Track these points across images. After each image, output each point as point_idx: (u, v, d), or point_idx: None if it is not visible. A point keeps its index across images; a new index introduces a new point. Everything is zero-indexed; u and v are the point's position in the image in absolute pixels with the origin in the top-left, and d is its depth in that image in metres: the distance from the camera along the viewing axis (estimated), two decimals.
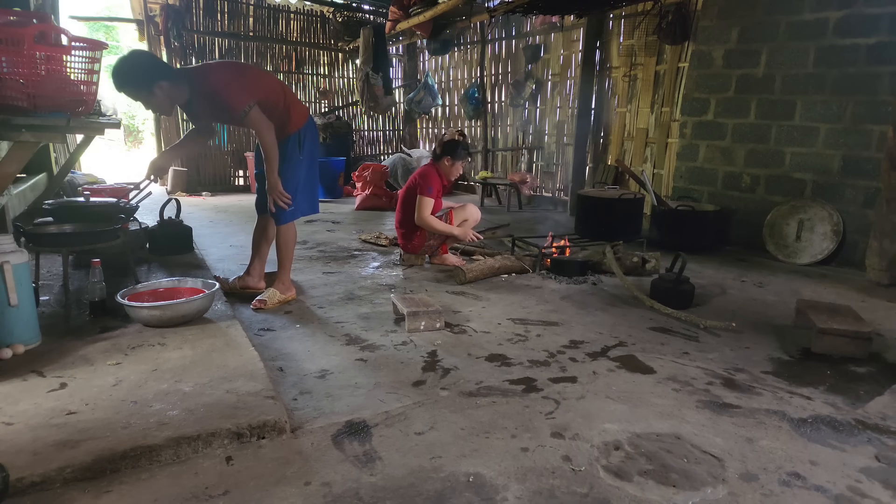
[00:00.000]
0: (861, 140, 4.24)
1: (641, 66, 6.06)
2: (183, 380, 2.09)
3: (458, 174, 4.19)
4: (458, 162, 4.07)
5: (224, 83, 2.89)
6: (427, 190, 3.95)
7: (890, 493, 1.64)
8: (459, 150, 4.04)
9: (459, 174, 4.22)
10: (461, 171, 4.19)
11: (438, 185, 4.03)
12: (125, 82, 2.70)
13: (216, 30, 8.45)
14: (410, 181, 4.10)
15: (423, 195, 3.95)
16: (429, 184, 3.97)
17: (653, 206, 5.13)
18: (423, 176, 4.03)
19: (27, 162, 2.72)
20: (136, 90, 2.73)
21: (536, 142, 7.64)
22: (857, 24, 4.20)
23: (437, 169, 4.07)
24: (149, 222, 4.11)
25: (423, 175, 4.04)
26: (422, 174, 4.05)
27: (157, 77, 2.74)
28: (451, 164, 4.05)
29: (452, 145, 4.04)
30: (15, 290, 2.25)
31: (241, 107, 2.85)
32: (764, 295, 3.64)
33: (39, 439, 1.68)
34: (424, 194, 3.95)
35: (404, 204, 4.08)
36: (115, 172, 9.60)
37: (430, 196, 3.95)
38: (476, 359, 2.53)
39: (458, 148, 4.04)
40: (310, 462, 1.72)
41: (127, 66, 2.71)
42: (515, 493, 1.60)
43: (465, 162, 4.16)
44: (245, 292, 3.36)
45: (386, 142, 10.22)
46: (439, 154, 4.07)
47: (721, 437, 1.91)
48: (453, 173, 4.12)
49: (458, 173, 4.18)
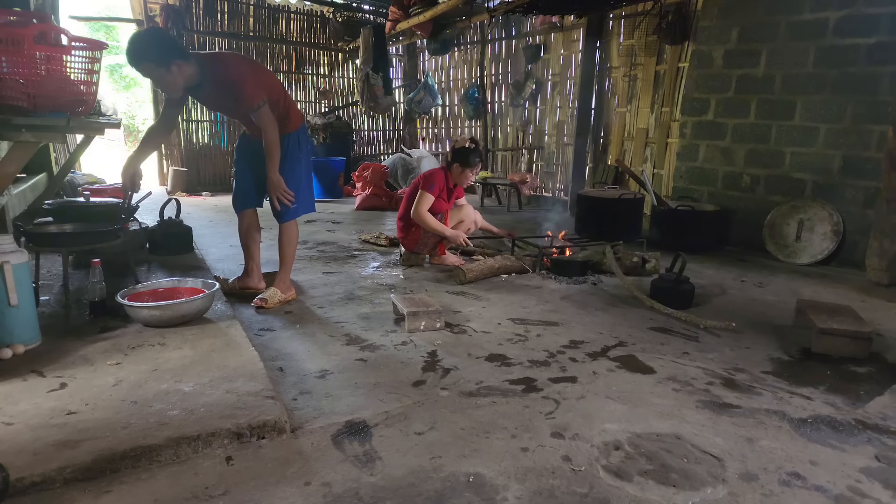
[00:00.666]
0: (861, 140, 4.24)
1: (641, 66, 6.06)
2: (183, 380, 2.09)
3: (470, 181, 4.25)
4: (468, 169, 4.12)
5: (244, 76, 2.91)
6: (429, 186, 3.99)
7: (890, 493, 1.64)
8: (469, 157, 4.09)
9: (471, 181, 4.31)
10: (472, 177, 4.27)
11: (442, 184, 4.06)
12: (144, 56, 2.66)
13: (216, 30, 8.46)
14: (418, 178, 4.17)
15: (424, 190, 3.99)
16: (432, 181, 4.02)
17: (653, 206, 5.13)
18: (430, 174, 4.10)
19: (27, 162, 2.72)
20: (153, 65, 2.69)
21: (536, 142, 7.64)
22: (857, 24, 4.20)
23: (447, 172, 4.13)
24: (149, 222, 4.11)
25: (430, 173, 4.11)
26: (429, 172, 4.13)
27: (175, 55, 2.73)
28: (461, 170, 4.11)
29: (462, 153, 4.09)
30: (15, 290, 2.25)
31: (256, 101, 2.89)
32: (764, 295, 3.64)
33: (39, 439, 1.68)
34: (425, 190, 3.99)
35: (409, 199, 4.13)
36: (115, 172, 9.60)
37: (431, 193, 3.98)
38: (476, 359, 2.53)
39: (469, 155, 4.08)
40: (310, 462, 1.72)
41: (146, 40, 2.69)
42: (515, 493, 1.60)
43: (476, 169, 4.22)
44: (245, 292, 3.36)
45: (386, 142, 10.23)
46: (450, 161, 4.14)
47: (721, 437, 1.91)
48: (463, 180, 4.17)
49: (470, 180, 4.23)
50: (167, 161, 8.45)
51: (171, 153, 8.43)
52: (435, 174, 4.08)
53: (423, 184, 4.03)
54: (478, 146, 4.20)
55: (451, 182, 4.16)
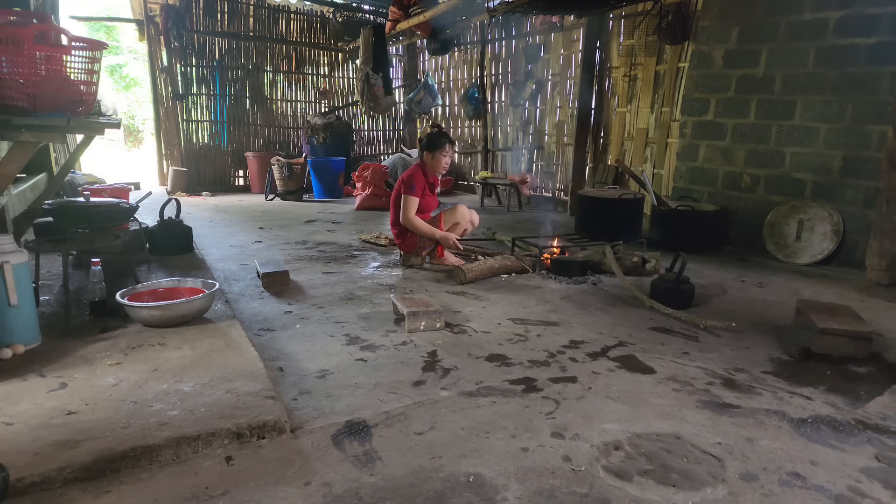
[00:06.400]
0: (861, 140, 4.24)
1: (641, 66, 6.06)
2: (183, 380, 2.09)
3: (446, 165, 4.11)
4: (438, 152, 4.03)
5: None
6: (410, 189, 3.97)
7: (890, 493, 1.64)
8: (434, 140, 4.03)
9: (447, 165, 4.13)
10: (446, 160, 4.10)
11: (422, 182, 4.04)
12: None
13: (216, 30, 8.46)
14: (398, 183, 4.10)
15: (407, 194, 3.97)
16: (411, 183, 3.99)
17: (653, 206, 5.12)
18: (407, 176, 4.06)
19: (27, 162, 2.72)
20: None
21: (536, 142, 7.64)
22: (857, 24, 4.20)
23: (422, 168, 4.09)
24: (149, 222, 4.11)
25: (407, 175, 4.06)
26: (406, 175, 4.07)
27: None
28: (431, 156, 4.05)
29: (427, 140, 4.06)
30: (15, 290, 2.25)
31: None
32: (764, 295, 3.64)
33: (39, 439, 1.68)
34: (408, 193, 3.97)
35: (395, 205, 4.10)
36: (115, 172, 9.60)
37: (414, 195, 3.96)
38: (476, 359, 2.53)
39: (433, 139, 4.03)
40: (310, 462, 1.72)
41: None
42: (515, 493, 1.60)
43: (449, 150, 4.07)
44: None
45: (386, 142, 10.23)
46: (420, 152, 4.12)
47: (721, 437, 1.91)
48: (438, 166, 4.08)
49: (446, 164, 4.10)
50: (167, 161, 8.44)
51: (171, 153, 8.42)
52: (412, 174, 4.03)
53: (404, 188, 3.99)
54: (441, 129, 4.16)
55: (430, 176, 4.12)
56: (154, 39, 8.10)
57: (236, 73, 8.70)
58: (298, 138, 9.29)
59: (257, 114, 8.97)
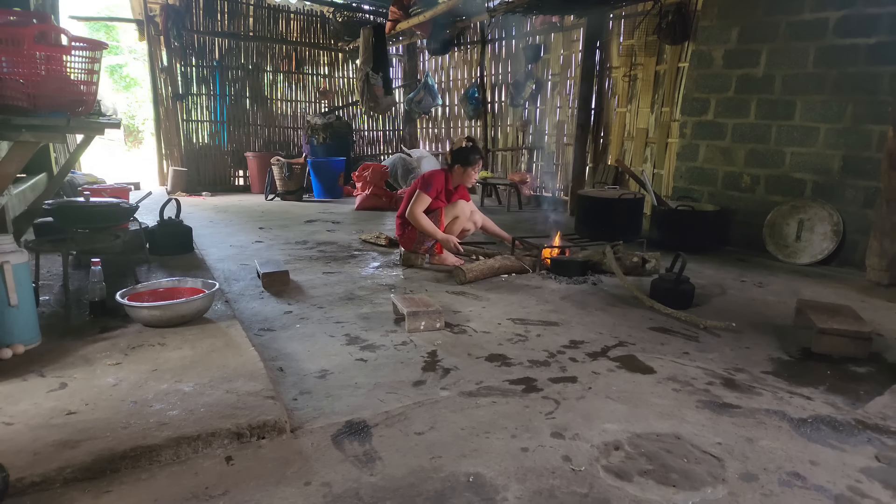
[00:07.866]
0: (861, 140, 4.24)
1: (641, 66, 6.06)
2: (183, 380, 2.09)
3: (473, 179, 4.24)
4: (470, 168, 4.12)
5: None
6: (426, 187, 4.01)
7: (890, 493, 1.64)
8: (469, 156, 4.09)
9: (474, 179, 4.27)
10: (475, 176, 4.24)
11: (440, 186, 4.08)
12: None
13: (216, 30, 8.46)
14: (418, 178, 4.17)
15: (421, 191, 4.01)
16: (430, 183, 4.04)
17: (653, 206, 5.13)
18: (429, 175, 4.11)
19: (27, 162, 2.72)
20: None
21: (536, 142, 7.64)
22: (857, 24, 4.20)
23: (447, 173, 4.15)
24: (149, 222, 4.11)
25: (430, 174, 4.12)
26: (429, 174, 4.14)
27: None
28: (462, 171, 4.12)
29: (460, 153, 4.10)
30: (15, 290, 2.25)
31: None
32: (764, 295, 3.64)
33: (39, 439, 1.68)
34: (422, 191, 4.01)
35: (408, 199, 4.14)
36: (115, 172, 9.60)
37: (427, 194, 4.00)
38: (476, 359, 2.53)
39: (468, 154, 4.09)
40: (310, 462, 1.72)
41: None
42: (515, 493, 1.60)
43: (478, 166, 4.19)
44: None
45: (386, 142, 10.23)
46: (450, 163, 4.15)
47: (721, 437, 1.91)
48: (467, 179, 4.18)
49: (473, 179, 4.23)
50: (167, 161, 8.43)
51: (171, 153, 8.42)
52: (434, 175, 4.09)
53: (421, 185, 4.04)
54: (475, 144, 4.19)
55: (451, 184, 4.16)
56: (154, 39, 8.10)
57: (236, 73, 8.70)
58: (298, 138, 9.29)
59: (257, 114, 8.97)
